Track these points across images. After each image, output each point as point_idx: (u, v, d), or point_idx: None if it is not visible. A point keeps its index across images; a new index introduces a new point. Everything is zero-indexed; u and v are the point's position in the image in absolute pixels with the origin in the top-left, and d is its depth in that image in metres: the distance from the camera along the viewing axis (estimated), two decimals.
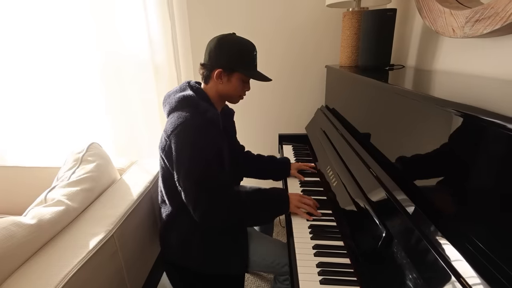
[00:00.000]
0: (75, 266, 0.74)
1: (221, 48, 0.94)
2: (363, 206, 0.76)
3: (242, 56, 0.96)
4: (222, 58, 0.95)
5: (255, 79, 0.99)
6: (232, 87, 0.98)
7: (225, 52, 0.94)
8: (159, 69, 1.62)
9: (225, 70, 0.95)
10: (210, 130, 0.92)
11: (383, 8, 1.09)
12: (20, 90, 1.71)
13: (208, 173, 0.90)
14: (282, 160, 1.28)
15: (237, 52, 0.95)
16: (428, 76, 0.94)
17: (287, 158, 1.29)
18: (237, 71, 0.96)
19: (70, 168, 1.07)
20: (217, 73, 0.95)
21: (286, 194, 0.99)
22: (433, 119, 0.60)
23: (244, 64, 0.97)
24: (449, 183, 0.56)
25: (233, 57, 0.95)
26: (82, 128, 1.80)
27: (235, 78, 0.97)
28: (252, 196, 0.97)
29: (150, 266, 1.16)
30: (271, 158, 1.31)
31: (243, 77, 0.98)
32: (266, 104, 1.80)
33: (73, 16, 1.54)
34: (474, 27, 0.76)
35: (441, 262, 0.49)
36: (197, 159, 0.89)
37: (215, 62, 0.96)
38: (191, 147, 0.89)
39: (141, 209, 1.07)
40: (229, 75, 0.96)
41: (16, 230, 0.75)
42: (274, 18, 1.62)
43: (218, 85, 0.98)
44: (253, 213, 0.96)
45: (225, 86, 0.98)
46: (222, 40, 0.95)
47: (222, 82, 0.97)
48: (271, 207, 0.97)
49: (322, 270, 0.72)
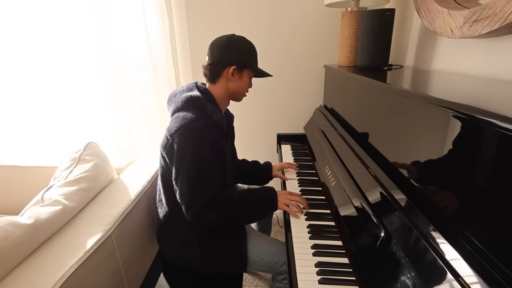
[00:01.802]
0: (72, 266, 0.73)
1: (232, 46, 0.98)
2: (362, 205, 0.76)
3: (250, 54, 1.01)
4: (235, 55, 0.98)
5: (262, 74, 1.04)
6: (242, 83, 1.02)
7: (236, 49, 0.98)
8: (157, 69, 1.61)
9: (238, 67, 0.98)
10: (214, 133, 0.93)
11: (382, 8, 1.09)
12: (17, 89, 1.70)
13: (205, 176, 0.91)
14: (264, 165, 1.32)
15: (246, 49, 1.00)
16: (426, 76, 0.94)
17: (269, 163, 1.33)
18: (248, 67, 1.00)
19: (67, 168, 1.06)
20: (232, 70, 0.98)
21: (275, 191, 1.01)
22: (431, 119, 0.60)
23: (253, 61, 1.02)
24: (447, 183, 0.56)
25: (245, 54, 0.99)
26: (79, 127, 1.79)
27: (245, 75, 1.01)
28: (244, 196, 0.97)
29: (148, 266, 1.16)
30: (255, 163, 1.34)
31: (251, 74, 1.03)
32: (264, 103, 1.80)
33: (72, 16, 1.53)
34: (472, 28, 0.76)
35: (440, 262, 0.49)
36: (197, 161, 0.90)
37: (227, 60, 0.98)
38: (193, 148, 0.89)
39: (139, 208, 1.07)
40: (241, 71, 1.00)
41: (13, 230, 0.75)
42: (272, 18, 1.61)
43: (229, 83, 1.00)
44: (244, 212, 0.97)
45: (236, 83, 1.01)
46: (231, 39, 0.98)
47: (234, 79, 1.00)
48: (261, 205, 0.99)
49: (320, 269, 0.72)
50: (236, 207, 0.94)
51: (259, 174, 1.31)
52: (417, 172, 0.66)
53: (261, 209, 0.99)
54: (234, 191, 0.99)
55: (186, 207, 0.91)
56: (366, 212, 0.74)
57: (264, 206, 0.99)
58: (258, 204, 0.99)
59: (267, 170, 1.30)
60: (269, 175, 1.30)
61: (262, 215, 1.00)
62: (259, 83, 1.69)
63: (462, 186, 0.52)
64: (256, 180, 1.32)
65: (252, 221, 1.10)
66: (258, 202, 0.99)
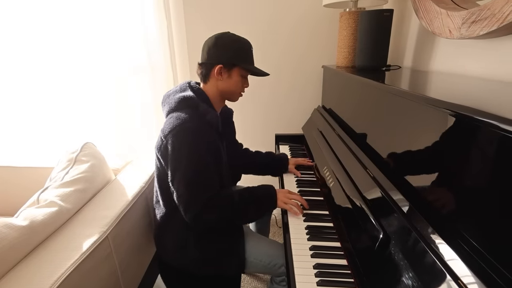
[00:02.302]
0: (68, 268, 0.72)
1: (220, 44, 0.95)
2: (360, 206, 0.76)
3: (241, 51, 0.97)
4: (222, 54, 0.96)
5: (254, 73, 1.00)
6: (232, 83, 0.99)
7: (224, 48, 0.95)
8: (155, 70, 1.61)
9: (225, 66, 0.96)
10: (208, 133, 0.92)
11: (380, 8, 1.09)
12: (13, 89, 1.68)
13: (202, 177, 0.90)
14: (280, 156, 1.30)
15: (236, 47, 0.96)
16: (425, 77, 0.94)
17: (285, 154, 1.32)
18: (237, 65, 0.97)
19: (63, 168, 1.05)
20: (218, 69, 0.96)
21: (274, 190, 1.00)
22: (429, 120, 0.60)
23: (243, 59, 0.98)
24: (445, 183, 0.56)
25: (232, 52, 0.96)
26: (76, 127, 1.78)
27: (235, 74, 0.98)
28: (242, 195, 0.96)
29: (145, 268, 1.15)
30: (269, 154, 1.33)
31: (243, 72, 0.99)
32: (262, 104, 1.79)
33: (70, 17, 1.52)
34: (470, 28, 0.76)
35: (438, 263, 0.48)
36: (194, 161, 0.89)
37: (215, 59, 0.96)
38: (188, 149, 0.88)
39: (136, 210, 1.06)
40: (229, 70, 0.97)
41: (8, 232, 0.74)
42: (271, 18, 1.61)
43: (219, 82, 0.99)
44: (243, 212, 0.95)
45: (225, 82, 0.98)
46: (220, 37, 0.96)
47: (223, 78, 0.98)
48: (260, 204, 0.98)
49: (319, 271, 0.71)
50: (236, 207, 0.93)
51: (274, 164, 1.29)
52: (416, 173, 0.66)
53: (260, 208, 0.98)
54: (232, 191, 0.98)
55: (184, 209, 0.90)
56: (364, 213, 0.73)
57: (263, 205, 0.98)
58: (258, 203, 0.97)
59: (283, 161, 1.27)
60: (285, 167, 1.27)
61: (261, 214, 0.99)
62: (257, 83, 1.69)
63: (460, 187, 0.52)
64: (271, 171, 1.30)
65: (251, 221, 1.08)
66: (257, 201, 0.97)
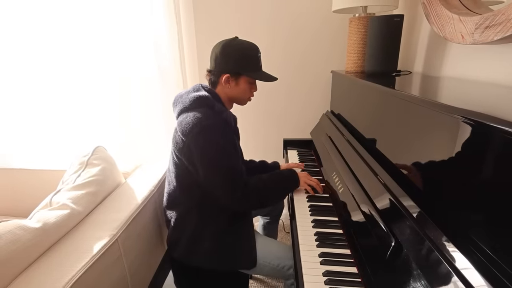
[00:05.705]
0: (78, 271, 0.73)
1: (226, 53, 0.97)
2: (370, 213, 0.75)
3: (247, 59, 0.99)
4: (228, 63, 0.97)
5: (262, 80, 1.01)
6: (240, 90, 1.01)
7: (230, 57, 0.97)
8: (165, 75, 1.63)
9: (232, 75, 0.98)
10: (227, 130, 0.96)
11: (390, 14, 1.09)
12: (26, 93, 1.73)
13: (234, 166, 0.95)
14: (272, 165, 1.35)
15: (242, 56, 0.98)
16: (436, 82, 0.92)
17: (276, 162, 1.37)
18: (243, 74, 0.99)
19: (75, 171, 1.07)
20: (225, 78, 0.98)
21: (295, 172, 1.12)
22: (440, 126, 0.59)
23: (250, 67, 0.99)
24: (458, 190, 0.55)
25: (239, 62, 0.97)
26: (88, 131, 1.81)
27: (242, 81, 1.00)
28: (271, 178, 1.05)
29: (154, 270, 1.16)
30: (262, 163, 1.35)
31: (250, 80, 1.01)
32: (271, 108, 1.80)
33: (82, 22, 1.56)
34: (484, 34, 0.75)
35: (452, 273, 0.47)
36: (223, 155, 0.92)
37: (221, 68, 0.98)
38: (215, 146, 0.91)
39: (145, 213, 1.07)
40: (237, 79, 0.99)
41: (21, 234, 0.75)
42: (280, 23, 1.62)
43: (226, 89, 1.01)
44: (275, 192, 1.05)
45: (233, 90, 1.01)
46: (226, 45, 0.97)
47: (230, 86, 1.00)
48: (287, 185, 1.09)
49: (328, 279, 0.71)
50: (268, 186, 1.02)
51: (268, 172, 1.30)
52: (427, 179, 0.64)
53: (286, 187, 1.09)
54: (262, 176, 1.05)
55: (227, 197, 0.95)
56: (375, 219, 0.72)
57: (289, 182, 1.09)
58: (285, 184, 1.08)
59: (275, 169, 1.30)
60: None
61: (288, 192, 1.10)
62: (266, 88, 1.69)
63: (473, 193, 0.51)
64: None
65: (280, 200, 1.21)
66: (285, 182, 1.08)
